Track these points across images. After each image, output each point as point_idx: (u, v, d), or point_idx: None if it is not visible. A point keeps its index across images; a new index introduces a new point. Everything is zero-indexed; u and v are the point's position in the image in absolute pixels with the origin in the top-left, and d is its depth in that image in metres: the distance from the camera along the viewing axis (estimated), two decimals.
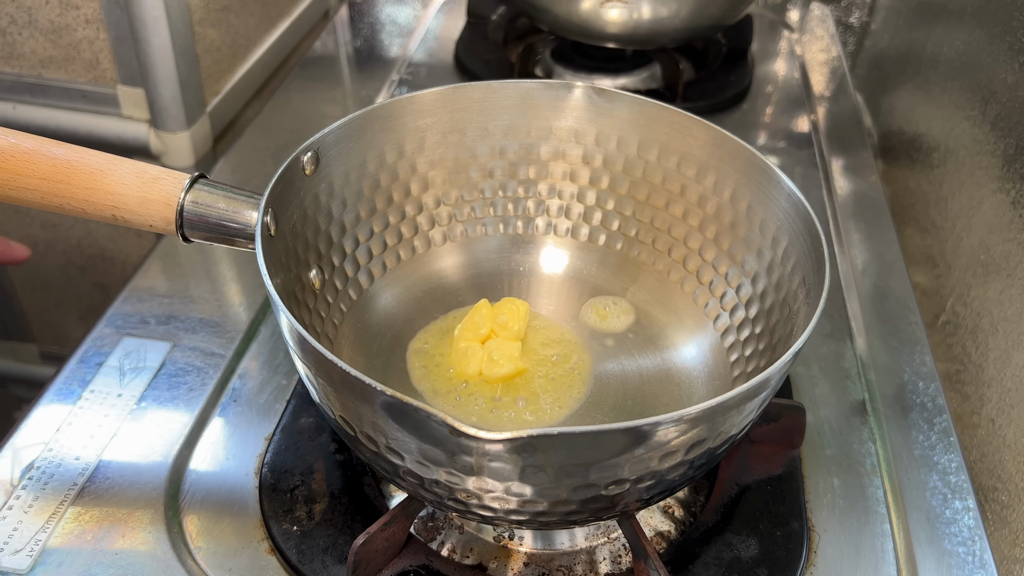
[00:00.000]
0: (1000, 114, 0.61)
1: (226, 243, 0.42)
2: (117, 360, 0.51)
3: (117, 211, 0.41)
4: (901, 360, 0.56)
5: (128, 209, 0.41)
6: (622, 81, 0.84)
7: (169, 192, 0.40)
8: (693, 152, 0.49)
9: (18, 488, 0.43)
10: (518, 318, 0.48)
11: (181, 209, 0.40)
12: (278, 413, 0.49)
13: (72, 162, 0.40)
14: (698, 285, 0.50)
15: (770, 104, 0.86)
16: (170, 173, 0.41)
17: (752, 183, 0.47)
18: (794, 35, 1.00)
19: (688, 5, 0.76)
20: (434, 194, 0.52)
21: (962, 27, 0.72)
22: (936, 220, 0.69)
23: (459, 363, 0.47)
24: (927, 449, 0.50)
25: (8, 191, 0.40)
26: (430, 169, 0.52)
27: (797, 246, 0.44)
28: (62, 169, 0.40)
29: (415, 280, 0.52)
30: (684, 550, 0.42)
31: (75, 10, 0.73)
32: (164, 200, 0.40)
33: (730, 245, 0.49)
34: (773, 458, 0.47)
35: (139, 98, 0.78)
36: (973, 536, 0.45)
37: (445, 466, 0.32)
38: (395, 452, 0.34)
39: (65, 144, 0.41)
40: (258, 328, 0.55)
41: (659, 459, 0.33)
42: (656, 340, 0.50)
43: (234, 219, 0.41)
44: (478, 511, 0.35)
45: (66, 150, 0.40)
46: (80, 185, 0.40)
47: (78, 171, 0.40)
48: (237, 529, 0.43)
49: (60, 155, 0.40)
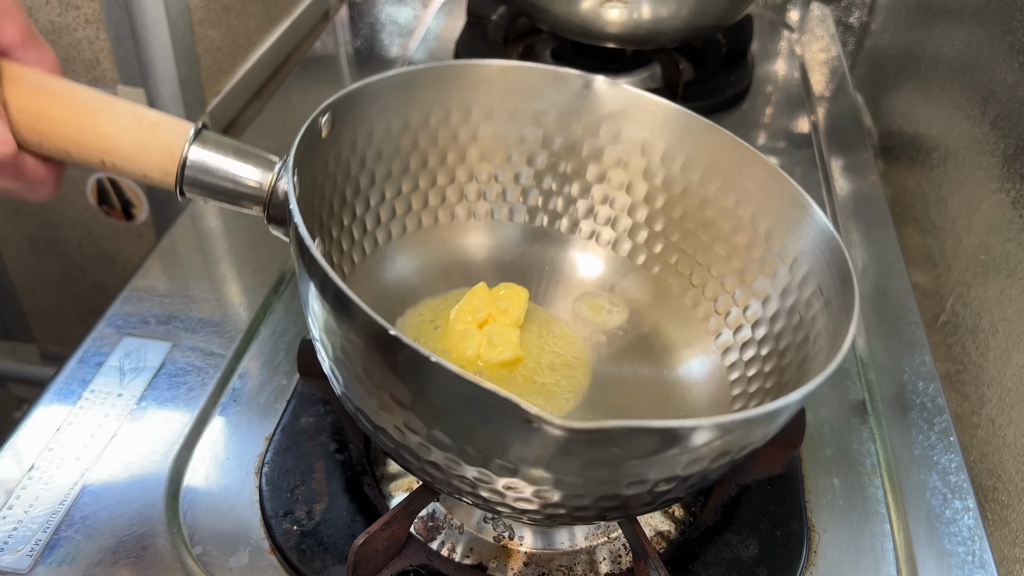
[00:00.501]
0: (1000, 114, 0.61)
1: (228, 203, 0.38)
2: (117, 360, 0.51)
3: (107, 156, 0.36)
4: (901, 360, 0.56)
5: (121, 155, 0.36)
6: (622, 81, 0.84)
7: (171, 141, 0.36)
8: (749, 192, 0.46)
9: (18, 488, 0.43)
10: (518, 304, 0.48)
11: (184, 161, 0.36)
12: (278, 413, 0.49)
13: (58, 95, 0.35)
14: (709, 306, 0.49)
15: (770, 104, 0.86)
16: (172, 120, 0.37)
17: (802, 233, 0.44)
18: (794, 35, 1.00)
19: (688, 5, 0.76)
20: (468, 168, 0.50)
21: (962, 27, 0.72)
22: (936, 220, 0.69)
23: (456, 345, 0.46)
24: (927, 449, 0.50)
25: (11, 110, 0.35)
26: (471, 142, 0.49)
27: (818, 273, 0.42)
28: (46, 101, 0.35)
29: (430, 250, 0.51)
30: (684, 550, 0.42)
31: (75, 10, 0.73)
32: (165, 149, 0.36)
33: (754, 279, 0.46)
34: (773, 458, 0.47)
35: (139, 98, 0.78)
36: (973, 536, 0.45)
37: (498, 458, 0.30)
38: (436, 441, 0.31)
39: (52, 75, 0.36)
40: (258, 328, 0.55)
41: (686, 464, 0.31)
42: (656, 351, 0.49)
43: (244, 178, 0.37)
44: (497, 507, 0.34)
45: (53, 81, 0.35)
46: (66, 122, 0.35)
47: (65, 105, 0.35)
48: (237, 529, 0.43)
49: (45, 85, 0.35)
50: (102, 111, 0.36)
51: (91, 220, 0.91)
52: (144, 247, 0.93)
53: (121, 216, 0.90)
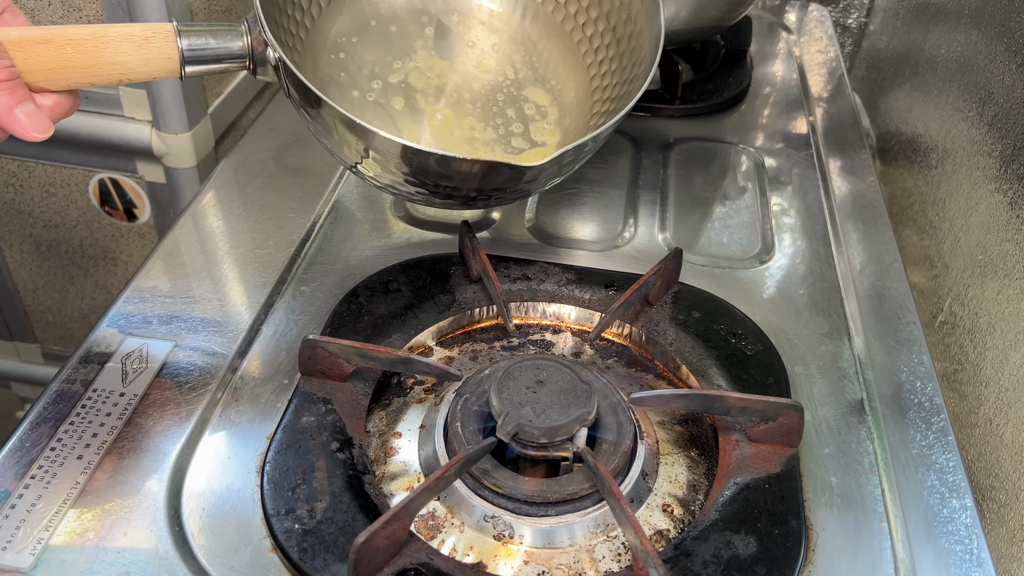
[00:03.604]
0: (997, 115, 0.61)
1: (219, 70, 0.48)
2: (119, 360, 0.51)
3: (123, 76, 0.46)
4: (899, 359, 0.56)
5: (133, 72, 0.46)
6: None
7: (165, 47, 0.46)
8: None
9: (21, 487, 0.44)
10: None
11: (182, 58, 0.46)
12: (279, 412, 0.49)
13: (68, 46, 0.44)
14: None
15: (768, 105, 0.86)
16: (153, 28, 0.46)
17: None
18: (792, 36, 1.00)
19: (687, 7, 0.76)
20: None
21: (959, 28, 0.72)
22: (934, 220, 0.70)
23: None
24: (925, 448, 0.50)
25: (29, 78, 0.43)
26: None
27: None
28: (65, 59, 0.44)
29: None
30: (683, 548, 0.43)
31: (77, 11, 0.74)
32: (164, 55, 0.46)
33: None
34: (771, 457, 0.48)
35: (141, 100, 0.79)
36: (971, 535, 0.45)
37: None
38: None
39: (54, 31, 0.44)
40: (260, 328, 0.55)
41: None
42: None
43: (227, 49, 0.47)
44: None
45: (54, 33, 0.43)
46: (83, 67, 0.44)
47: (78, 55, 0.44)
48: (239, 527, 0.43)
49: (51, 40, 0.43)
50: (103, 46, 0.44)
51: (93, 220, 0.91)
52: (146, 247, 0.93)
53: (123, 217, 0.91)
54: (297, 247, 0.62)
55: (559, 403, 0.46)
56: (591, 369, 0.54)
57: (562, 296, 0.59)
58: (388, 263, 0.60)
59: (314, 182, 0.69)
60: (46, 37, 0.43)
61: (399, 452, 0.49)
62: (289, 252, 0.62)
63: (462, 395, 0.49)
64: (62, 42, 0.44)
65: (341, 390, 0.50)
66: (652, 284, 0.57)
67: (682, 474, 0.48)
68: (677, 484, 0.48)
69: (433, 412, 0.51)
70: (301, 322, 0.56)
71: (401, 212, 0.68)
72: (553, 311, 0.59)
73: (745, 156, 0.79)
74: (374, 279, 0.58)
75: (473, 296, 0.58)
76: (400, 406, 0.52)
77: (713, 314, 0.58)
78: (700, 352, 0.55)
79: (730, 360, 0.54)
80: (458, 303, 0.58)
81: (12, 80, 0.42)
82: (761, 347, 0.55)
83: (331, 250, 0.63)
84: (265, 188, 0.68)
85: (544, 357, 0.49)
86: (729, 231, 0.69)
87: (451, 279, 0.59)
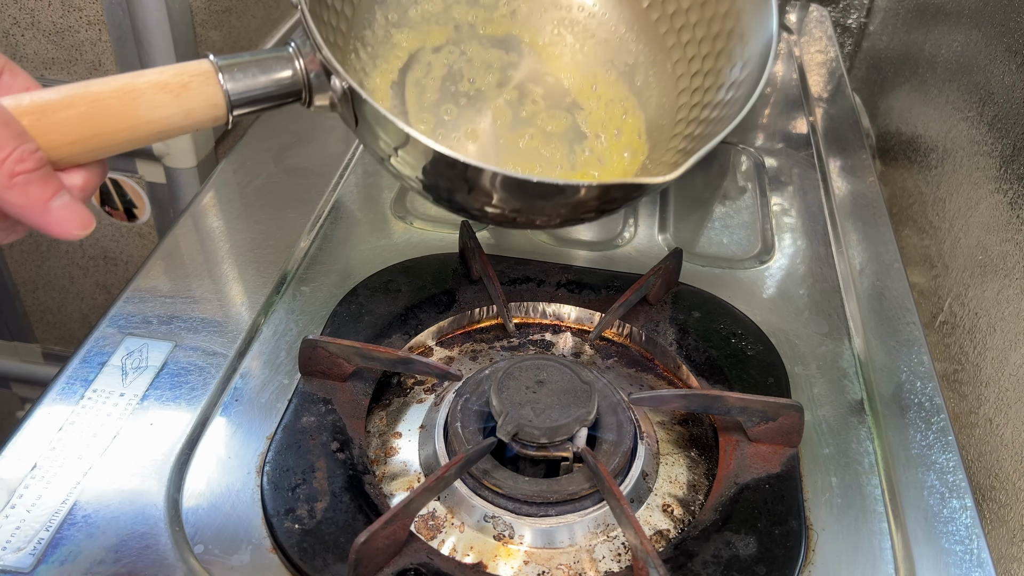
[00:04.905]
0: (997, 115, 0.61)
1: (271, 108, 0.41)
2: (119, 359, 0.51)
3: (163, 134, 0.38)
4: (899, 360, 0.56)
5: (175, 127, 0.38)
6: None
7: (207, 91, 0.38)
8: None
9: (21, 487, 0.44)
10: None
11: (230, 103, 0.38)
12: (279, 412, 0.49)
13: (93, 123, 0.36)
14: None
15: (768, 105, 0.86)
16: (189, 70, 0.38)
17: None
18: (792, 37, 1.00)
19: None
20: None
21: (959, 28, 0.72)
22: (934, 220, 0.70)
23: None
24: (925, 448, 0.50)
25: (53, 155, 0.36)
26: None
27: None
28: (92, 125, 0.36)
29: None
30: (683, 548, 0.43)
31: (78, 12, 0.74)
32: (208, 102, 0.38)
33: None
34: (771, 457, 0.48)
35: None
36: (971, 535, 0.45)
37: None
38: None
39: (73, 93, 0.36)
40: (260, 327, 0.55)
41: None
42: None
43: (278, 83, 0.40)
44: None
45: (79, 104, 0.36)
46: (115, 132, 0.36)
47: (107, 119, 0.36)
48: (239, 527, 0.43)
49: (73, 104, 0.36)
50: (134, 102, 0.36)
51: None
52: (146, 247, 0.93)
53: (123, 216, 0.91)
54: (297, 247, 0.62)
55: (559, 403, 0.46)
56: (591, 369, 0.54)
57: (562, 296, 0.59)
58: (388, 263, 0.60)
59: (314, 182, 0.69)
60: (65, 102, 0.35)
61: (399, 452, 0.49)
62: (289, 252, 0.62)
63: (462, 395, 0.49)
64: (85, 104, 0.35)
65: (341, 390, 0.50)
66: (652, 284, 0.57)
67: (682, 474, 0.48)
68: (677, 484, 0.48)
69: (433, 412, 0.51)
70: (301, 322, 0.56)
71: (401, 212, 0.68)
72: (553, 311, 0.59)
73: (745, 156, 0.79)
74: (374, 279, 0.59)
75: (473, 296, 0.58)
76: (400, 406, 0.52)
77: (713, 314, 0.58)
78: (700, 352, 0.55)
79: (730, 360, 0.54)
80: (458, 303, 0.58)
81: (41, 168, 0.34)
82: (761, 347, 0.55)
83: (331, 250, 0.63)
84: (265, 188, 0.68)
85: (544, 357, 0.49)
86: (729, 231, 0.69)
87: (451, 279, 0.59)
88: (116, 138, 0.36)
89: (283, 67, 0.40)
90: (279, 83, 0.40)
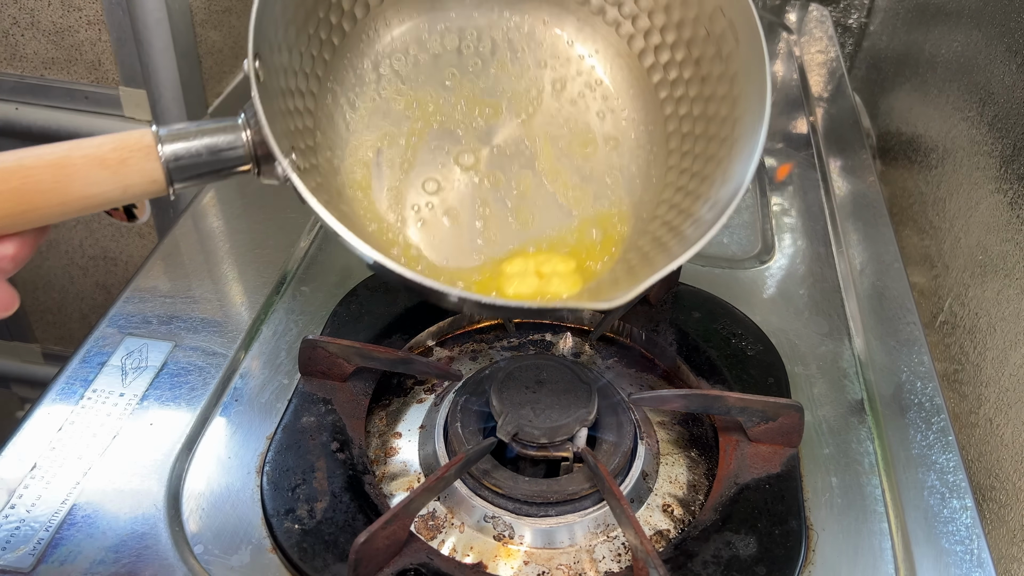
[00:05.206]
0: (998, 115, 0.61)
1: (220, 178, 0.39)
2: (119, 360, 0.51)
3: (99, 207, 0.37)
4: (899, 360, 0.56)
5: (111, 201, 0.36)
6: None
7: (146, 167, 0.36)
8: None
9: (20, 487, 0.44)
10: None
11: (169, 173, 0.37)
12: (279, 412, 0.49)
13: (22, 199, 0.35)
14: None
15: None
16: (129, 144, 0.36)
17: None
18: (792, 36, 1.00)
19: None
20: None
21: (960, 29, 0.72)
22: (934, 220, 0.70)
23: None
24: (925, 448, 0.50)
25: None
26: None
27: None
28: (22, 201, 0.35)
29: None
30: (683, 548, 0.43)
31: (77, 12, 0.74)
32: (146, 178, 0.36)
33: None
34: (772, 457, 0.48)
35: (141, 99, 0.79)
36: (971, 535, 0.45)
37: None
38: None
39: (6, 162, 0.35)
40: (260, 328, 0.55)
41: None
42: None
43: (224, 155, 0.38)
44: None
45: (9, 177, 0.35)
46: (45, 207, 0.35)
47: (36, 195, 0.35)
48: (239, 527, 0.43)
49: (14, 187, 0.35)
50: (68, 178, 0.35)
51: (93, 220, 0.91)
52: (146, 247, 0.93)
53: (123, 217, 0.91)
54: (297, 247, 0.62)
55: (559, 403, 0.46)
56: (591, 369, 0.54)
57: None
58: None
59: None
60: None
61: (399, 452, 0.49)
62: (289, 252, 0.62)
63: (462, 395, 0.49)
64: (17, 180, 0.34)
65: (341, 390, 0.50)
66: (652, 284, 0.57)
67: (682, 474, 0.48)
68: (677, 484, 0.48)
69: (433, 412, 0.51)
70: (301, 322, 0.56)
71: None
72: None
73: None
74: (374, 279, 0.58)
75: None
76: (400, 406, 0.52)
77: (713, 314, 0.58)
78: (700, 352, 0.55)
79: (730, 360, 0.54)
80: None
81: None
82: (761, 347, 0.55)
83: (331, 250, 0.63)
84: (265, 188, 0.68)
85: (544, 357, 0.49)
86: (729, 231, 0.69)
87: None
88: (48, 212, 0.35)
89: (230, 140, 0.38)
90: (224, 157, 0.38)
